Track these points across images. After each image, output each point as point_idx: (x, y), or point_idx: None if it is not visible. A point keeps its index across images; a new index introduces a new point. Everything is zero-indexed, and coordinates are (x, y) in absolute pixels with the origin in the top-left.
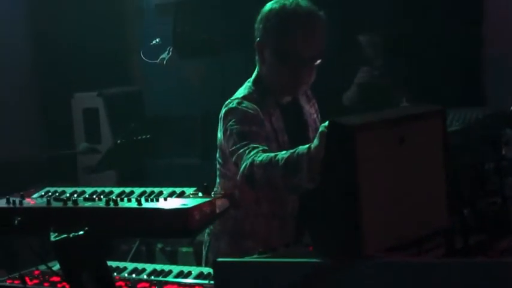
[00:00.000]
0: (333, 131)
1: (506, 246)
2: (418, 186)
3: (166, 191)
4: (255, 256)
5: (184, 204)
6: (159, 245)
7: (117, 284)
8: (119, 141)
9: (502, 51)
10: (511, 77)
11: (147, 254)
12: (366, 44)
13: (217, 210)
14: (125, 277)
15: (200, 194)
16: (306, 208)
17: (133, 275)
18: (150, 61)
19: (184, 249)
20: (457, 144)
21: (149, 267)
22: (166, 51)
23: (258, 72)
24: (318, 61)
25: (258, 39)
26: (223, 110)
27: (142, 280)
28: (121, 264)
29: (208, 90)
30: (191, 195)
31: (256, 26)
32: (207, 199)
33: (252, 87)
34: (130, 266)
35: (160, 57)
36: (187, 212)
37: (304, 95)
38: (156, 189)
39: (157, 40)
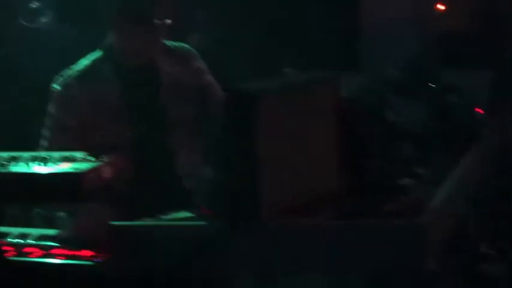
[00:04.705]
0: (233, 97)
1: (391, 209)
2: (313, 151)
3: (55, 155)
4: (149, 219)
5: (76, 168)
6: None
7: (4, 248)
8: None
9: (377, 20)
10: (385, 43)
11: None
12: None
13: (108, 175)
14: (11, 242)
15: (90, 159)
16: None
17: (19, 240)
18: None
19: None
20: (348, 109)
21: (34, 231)
22: None
23: (109, 38)
24: (169, 21)
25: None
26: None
27: (29, 245)
28: (3, 229)
29: None
30: (81, 160)
31: None
32: (99, 163)
33: (99, 55)
34: (14, 231)
35: None
36: (79, 176)
37: (178, 56)
38: (44, 154)
39: None
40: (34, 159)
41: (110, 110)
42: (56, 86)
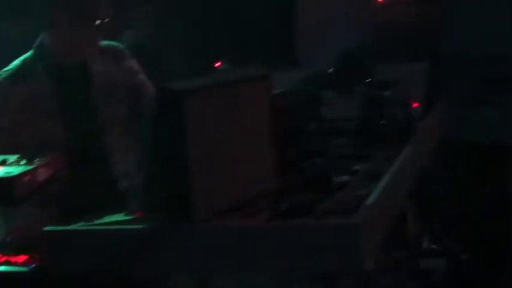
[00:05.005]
0: (161, 96)
1: (328, 207)
2: (247, 150)
3: None
4: (81, 223)
5: (8, 173)
6: None
7: None
8: None
9: (313, 14)
10: (322, 39)
11: None
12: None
13: (42, 178)
14: None
15: (23, 162)
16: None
17: None
18: None
19: None
20: (282, 106)
21: None
22: None
23: (42, 37)
24: (107, 20)
25: (47, 2)
26: None
27: None
28: None
29: None
30: (14, 163)
31: None
32: (31, 167)
33: (30, 54)
34: None
35: None
36: (11, 180)
37: (110, 55)
38: None
39: None
40: None
41: (43, 111)
42: None
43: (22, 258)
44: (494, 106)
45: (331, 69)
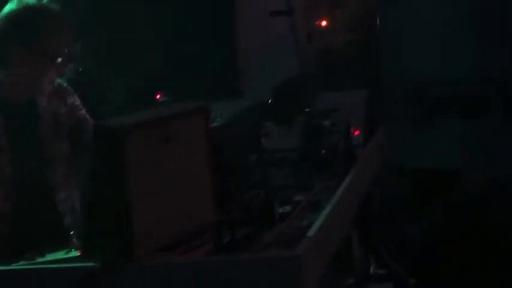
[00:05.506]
0: (99, 134)
1: (270, 239)
2: (186, 184)
3: None
4: (22, 263)
5: None
6: None
7: None
8: None
9: (254, 43)
10: (265, 68)
11: None
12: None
13: None
14: None
15: None
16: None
17: None
18: None
19: None
20: (221, 139)
21: None
22: None
23: None
24: (61, 59)
25: (7, 39)
26: None
27: None
28: None
29: None
30: None
31: None
32: None
33: None
34: None
35: None
36: None
37: (55, 93)
38: None
39: None
40: None
41: None
42: None
43: None
44: (435, 131)
45: (270, 99)
